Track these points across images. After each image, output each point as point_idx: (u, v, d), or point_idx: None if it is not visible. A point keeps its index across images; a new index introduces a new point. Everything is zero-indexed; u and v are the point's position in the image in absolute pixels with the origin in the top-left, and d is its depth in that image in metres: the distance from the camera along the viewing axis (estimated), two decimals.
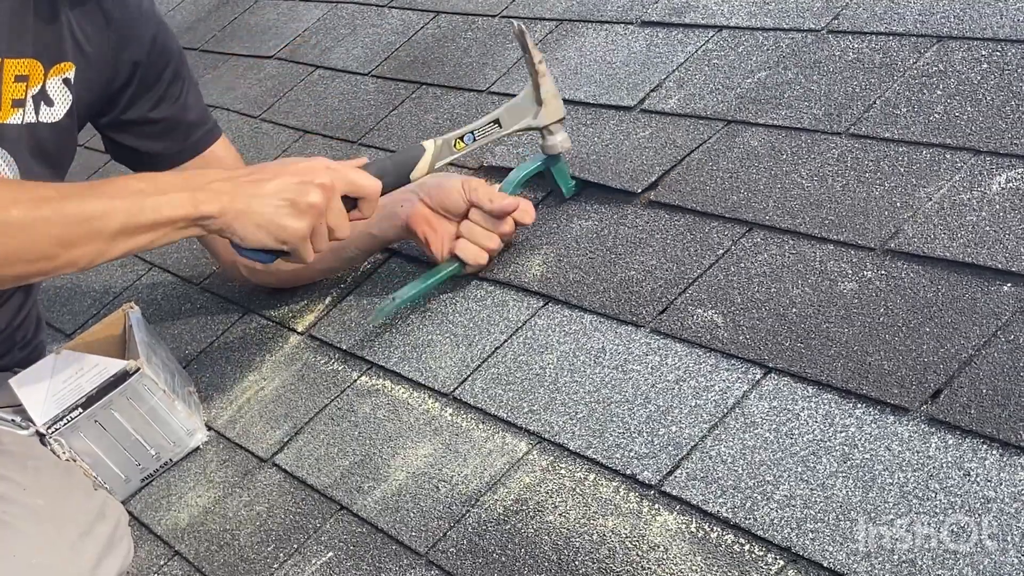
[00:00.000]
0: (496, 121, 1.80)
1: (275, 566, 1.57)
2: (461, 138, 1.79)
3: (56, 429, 1.73)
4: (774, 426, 1.35)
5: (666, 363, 1.50)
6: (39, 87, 1.78)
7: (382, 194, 1.72)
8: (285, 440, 1.75)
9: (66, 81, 1.80)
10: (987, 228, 1.41)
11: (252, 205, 1.64)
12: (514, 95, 1.83)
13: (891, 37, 1.76)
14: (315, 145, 2.39)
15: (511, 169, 1.93)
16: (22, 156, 1.78)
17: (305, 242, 1.66)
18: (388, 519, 1.53)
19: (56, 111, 1.80)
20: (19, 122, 1.76)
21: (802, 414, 1.35)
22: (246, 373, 1.92)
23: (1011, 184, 1.45)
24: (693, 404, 1.43)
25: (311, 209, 1.64)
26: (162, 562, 1.69)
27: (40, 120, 1.79)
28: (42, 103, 1.78)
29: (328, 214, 1.65)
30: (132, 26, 1.87)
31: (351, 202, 1.69)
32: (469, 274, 1.82)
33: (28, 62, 1.76)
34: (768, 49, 1.88)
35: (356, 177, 1.68)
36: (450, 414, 1.62)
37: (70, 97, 1.81)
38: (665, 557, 1.30)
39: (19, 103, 1.76)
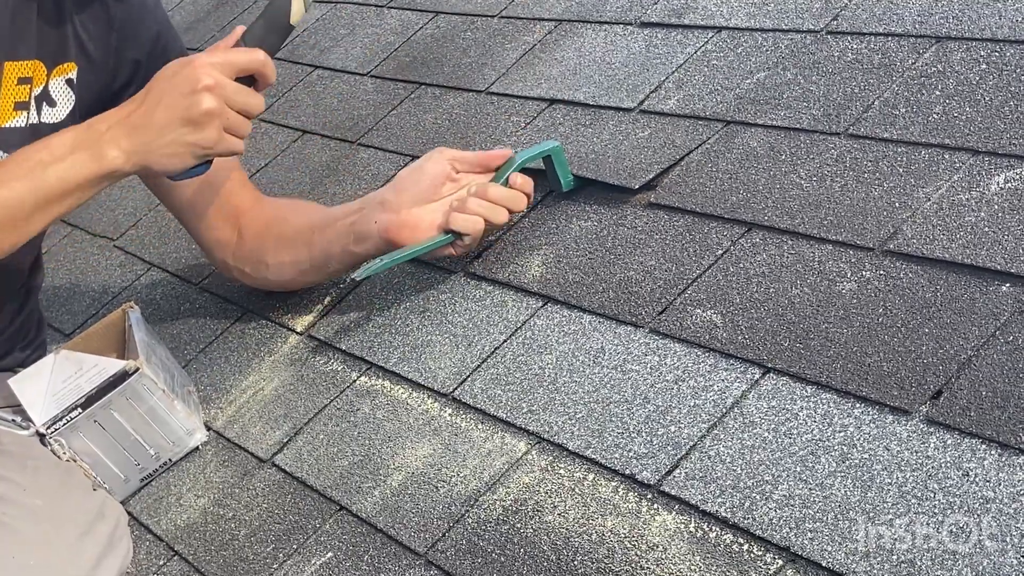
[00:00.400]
0: None
1: (274, 566, 1.57)
2: None
3: (56, 429, 1.73)
4: (773, 426, 1.35)
5: (665, 363, 1.50)
6: (42, 87, 1.78)
7: (273, 55, 1.70)
8: (284, 440, 1.75)
9: (69, 81, 1.81)
10: (986, 228, 1.42)
11: (152, 140, 1.63)
12: (513, 95, 1.83)
13: (890, 38, 1.76)
14: (314, 145, 2.39)
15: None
16: None
17: (223, 141, 1.64)
18: (387, 519, 1.53)
19: (59, 111, 1.81)
20: (22, 125, 1.76)
21: (801, 414, 1.35)
22: (245, 373, 1.92)
23: (1010, 184, 1.45)
24: (692, 404, 1.43)
25: (208, 116, 1.62)
26: (161, 562, 1.69)
27: (43, 121, 1.79)
28: (44, 104, 1.78)
29: (232, 105, 1.64)
30: (135, 25, 1.87)
31: (251, 79, 1.68)
32: (460, 254, 1.81)
33: (31, 63, 1.76)
34: (767, 50, 1.88)
35: (235, 58, 1.66)
36: (449, 414, 1.63)
37: (73, 97, 1.81)
38: (664, 557, 1.30)
39: (22, 106, 1.76)
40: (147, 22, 1.89)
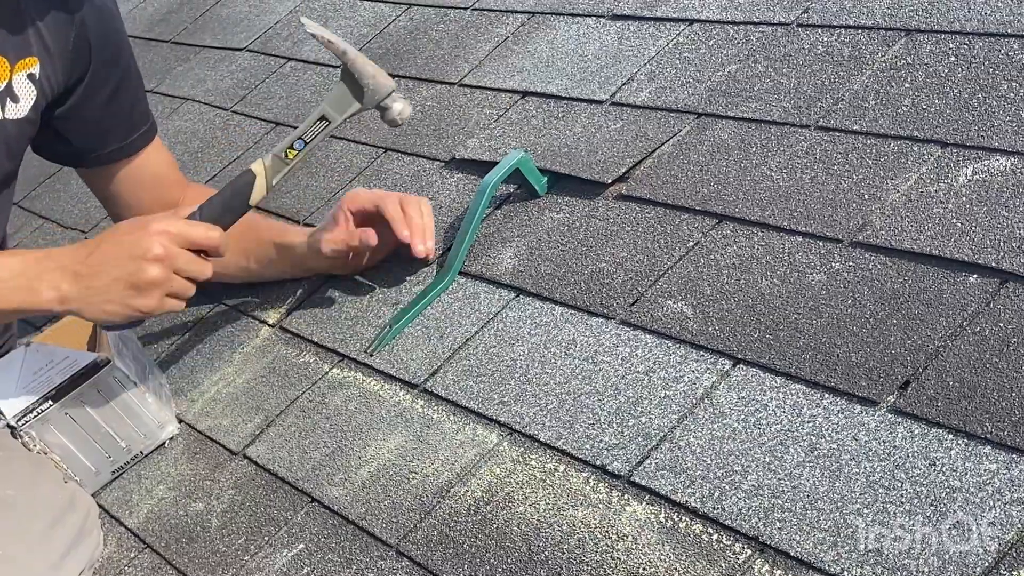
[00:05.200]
0: (322, 118, 1.75)
1: (245, 558, 1.57)
2: (291, 146, 1.74)
3: (27, 421, 1.72)
4: (742, 416, 1.36)
5: (636, 354, 1.51)
6: (4, 84, 1.77)
7: (226, 228, 1.70)
8: (256, 432, 1.74)
9: (31, 76, 1.80)
10: (954, 220, 1.42)
11: (92, 294, 1.63)
12: (486, 87, 1.83)
13: (860, 30, 1.77)
14: (286, 136, 2.38)
15: (483, 161, 1.94)
16: None
17: (162, 306, 1.65)
18: (359, 511, 1.53)
19: (22, 107, 1.80)
20: None
21: (770, 404, 1.36)
22: (217, 366, 1.91)
23: (977, 176, 1.46)
24: (663, 395, 1.44)
25: (152, 284, 1.63)
26: (132, 554, 1.68)
27: (6, 117, 1.78)
28: (8, 100, 1.77)
29: (180, 273, 1.64)
30: (91, 22, 1.86)
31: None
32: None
33: None
34: (738, 42, 1.89)
35: (191, 233, 1.65)
36: (421, 406, 1.63)
37: (35, 92, 1.81)
38: (634, 547, 1.30)
39: None
40: (104, 18, 1.88)
